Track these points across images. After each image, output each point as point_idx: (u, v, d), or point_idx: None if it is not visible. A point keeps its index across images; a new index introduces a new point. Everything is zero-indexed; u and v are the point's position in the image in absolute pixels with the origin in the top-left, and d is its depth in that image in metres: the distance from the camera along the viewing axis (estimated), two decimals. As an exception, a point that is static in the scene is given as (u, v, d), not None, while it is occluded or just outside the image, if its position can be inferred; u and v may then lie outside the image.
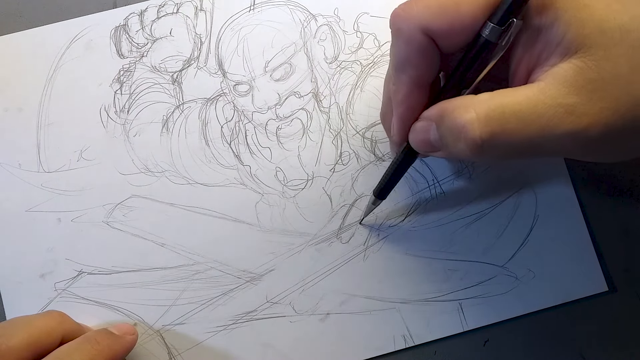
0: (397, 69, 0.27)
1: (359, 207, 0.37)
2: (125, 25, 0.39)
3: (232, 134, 0.38)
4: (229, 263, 0.36)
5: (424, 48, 0.26)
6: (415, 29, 0.25)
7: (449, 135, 0.26)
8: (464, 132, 0.25)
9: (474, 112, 0.24)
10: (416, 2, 0.25)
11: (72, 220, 0.37)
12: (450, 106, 0.26)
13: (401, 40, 0.26)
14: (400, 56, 0.27)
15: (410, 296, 0.36)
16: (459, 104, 0.26)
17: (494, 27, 0.25)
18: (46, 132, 0.38)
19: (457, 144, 0.26)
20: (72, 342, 0.31)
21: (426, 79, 0.27)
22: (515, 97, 0.24)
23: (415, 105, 0.28)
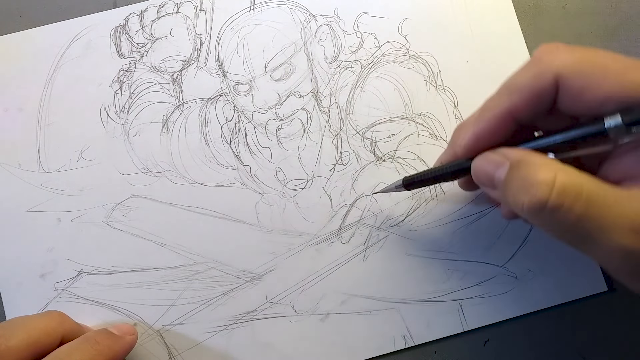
0: (507, 88, 0.26)
1: (359, 207, 0.37)
2: (125, 25, 0.39)
3: (232, 134, 0.38)
4: (229, 263, 0.36)
5: (545, 91, 0.25)
6: (552, 72, 0.25)
7: (517, 183, 0.25)
8: (535, 188, 0.24)
9: (555, 176, 0.24)
10: (573, 52, 0.25)
11: (72, 220, 0.37)
12: (532, 159, 0.25)
13: (535, 69, 0.25)
14: (520, 81, 0.26)
15: (410, 296, 0.36)
16: (543, 162, 0.25)
17: (621, 125, 0.23)
18: (46, 132, 0.38)
19: (520, 196, 0.25)
20: (72, 342, 0.31)
21: (523, 117, 0.26)
22: (602, 188, 0.24)
23: (498, 132, 0.27)
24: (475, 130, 0.27)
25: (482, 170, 0.27)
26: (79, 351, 0.30)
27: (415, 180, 0.33)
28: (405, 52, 0.39)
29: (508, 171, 0.26)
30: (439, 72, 0.39)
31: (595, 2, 0.40)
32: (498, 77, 0.38)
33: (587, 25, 0.40)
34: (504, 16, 0.40)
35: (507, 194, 0.26)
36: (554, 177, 0.23)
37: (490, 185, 0.27)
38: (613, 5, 0.40)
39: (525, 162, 0.25)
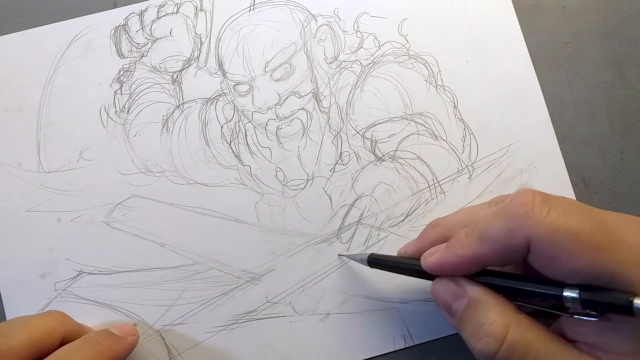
0: (480, 236, 0.26)
1: (359, 207, 0.37)
2: (125, 25, 0.39)
3: (232, 134, 0.38)
4: (229, 263, 0.36)
5: (515, 250, 0.25)
6: (524, 234, 0.24)
7: (471, 324, 0.26)
8: (486, 339, 0.25)
9: (507, 331, 0.25)
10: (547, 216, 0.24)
11: (72, 220, 0.37)
12: (490, 302, 0.26)
13: (508, 225, 0.25)
14: (493, 233, 0.25)
15: (410, 296, 0.36)
16: (499, 311, 0.26)
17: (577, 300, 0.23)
18: (46, 132, 0.38)
19: (472, 338, 0.26)
20: (74, 343, 0.31)
21: (492, 264, 0.27)
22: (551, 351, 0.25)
23: (464, 268, 0.27)
24: (443, 258, 0.27)
25: (440, 297, 0.28)
26: (80, 352, 0.30)
27: (381, 260, 0.33)
28: (405, 52, 0.39)
29: (464, 308, 0.27)
30: (439, 72, 0.39)
31: (595, 2, 0.40)
32: (498, 77, 0.39)
33: (587, 25, 0.40)
34: (504, 16, 0.40)
35: (461, 330, 0.27)
36: (505, 331, 0.25)
37: (447, 311, 0.28)
38: (613, 5, 0.40)
39: (481, 304, 0.26)
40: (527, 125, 0.38)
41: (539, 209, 0.24)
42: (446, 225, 0.30)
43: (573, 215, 0.24)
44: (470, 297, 0.27)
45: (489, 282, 0.27)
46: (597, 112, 0.39)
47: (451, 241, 0.28)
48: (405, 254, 0.32)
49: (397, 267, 0.31)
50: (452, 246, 0.27)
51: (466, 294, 0.27)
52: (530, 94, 0.39)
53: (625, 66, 0.39)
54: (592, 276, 0.23)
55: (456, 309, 0.27)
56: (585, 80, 0.39)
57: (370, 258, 0.33)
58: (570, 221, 0.23)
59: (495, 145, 0.38)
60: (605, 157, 0.38)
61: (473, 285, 0.27)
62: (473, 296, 0.27)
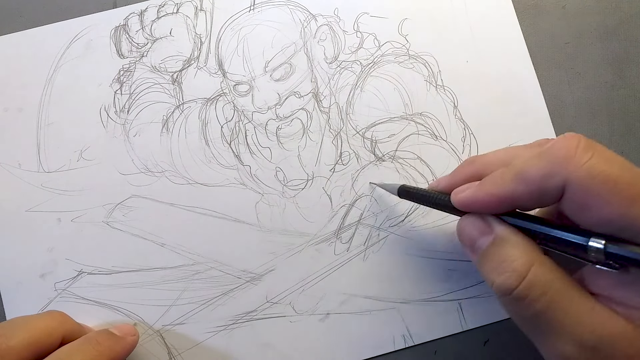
0: (516, 174, 0.26)
1: (359, 207, 0.37)
2: (125, 25, 0.39)
3: (232, 134, 0.38)
4: (229, 263, 0.36)
5: (550, 192, 0.25)
6: (561, 178, 0.24)
7: (494, 259, 0.26)
8: (508, 274, 0.25)
9: (529, 269, 0.25)
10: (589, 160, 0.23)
11: (72, 220, 0.37)
12: (515, 241, 0.26)
13: (547, 167, 0.24)
14: (529, 174, 0.25)
15: (410, 296, 0.36)
16: (524, 249, 0.26)
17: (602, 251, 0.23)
18: (46, 132, 0.38)
19: (493, 273, 0.26)
20: (74, 343, 0.31)
21: (524, 205, 0.26)
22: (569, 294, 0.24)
23: (495, 207, 0.27)
24: (475, 195, 0.27)
25: (466, 233, 0.28)
26: (80, 352, 0.30)
27: (411, 192, 0.33)
28: (405, 52, 0.39)
29: (490, 244, 0.27)
30: (439, 72, 0.39)
31: (595, 2, 0.40)
32: (498, 77, 0.39)
33: (587, 25, 0.40)
34: (504, 16, 0.40)
35: (483, 265, 0.27)
36: (528, 269, 0.25)
37: (470, 248, 0.28)
38: (613, 5, 0.40)
39: (507, 242, 0.26)
40: (527, 125, 0.38)
41: (581, 154, 0.24)
42: (483, 163, 0.30)
43: (615, 164, 0.23)
44: (497, 234, 0.27)
45: (517, 224, 0.27)
46: (597, 112, 0.39)
47: (486, 179, 0.27)
48: (436, 188, 0.32)
49: (426, 199, 0.31)
50: (486, 184, 0.27)
51: (493, 231, 0.27)
52: (530, 94, 0.39)
53: (625, 66, 0.39)
54: (622, 227, 0.23)
55: (480, 245, 0.27)
56: (585, 80, 0.39)
57: (401, 189, 0.34)
58: (611, 168, 0.23)
59: (495, 145, 0.38)
60: (605, 157, 0.38)
61: (501, 224, 0.27)
62: (500, 233, 0.27)
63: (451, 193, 0.29)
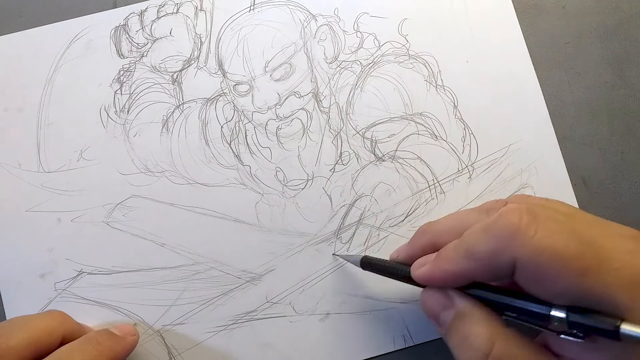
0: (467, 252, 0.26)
1: (359, 207, 0.37)
2: (125, 25, 0.39)
3: (232, 134, 0.38)
4: (229, 263, 0.36)
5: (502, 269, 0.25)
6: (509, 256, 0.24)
7: (458, 336, 0.27)
8: (475, 349, 0.25)
9: (492, 346, 0.25)
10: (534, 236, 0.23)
11: (72, 220, 0.37)
12: (477, 315, 0.26)
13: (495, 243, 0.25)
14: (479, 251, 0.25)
15: (410, 296, 0.36)
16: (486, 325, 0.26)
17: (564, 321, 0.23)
18: (46, 132, 0.38)
19: (459, 351, 0.26)
20: (73, 343, 0.31)
21: (480, 279, 0.27)
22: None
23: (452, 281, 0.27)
24: (432, 272, 0.28)
25: (428, 306, 0.29)
26: (80, 352, 0.30)
27: (374, 264, 0.33)
28: (405, 52, 0.39)
29: (452, 320, 0.27)
30: (439, 72, 0.39)
31: (595, 2, 0.40)
32: (498, 77, 0.39)
33: (587, 25, 0.40)
34: (504, 16, 0.40)
35: (449, 341, 0.27)
36: (490, 346, 0.25)
37: (435, 320, 0.28)
38: (613, 5, 0.40)
39: (469, 316, 0.26)
40: (527, 125, 0.38)
41: (525, 230, 0.24)
42: (435, 232, 0.30)
43: (560, 236, 0.23)
44: (458, 309, 0.27)
45: (477, 295, 0.27)
46: (597, 112, 0.39)
47: (439, 254, 0.28)
48: (397, 259, 0.32)
49: (388, 271, 0.31)
50: (440, 260, 0.27)
51: (454, 305, 0.27)
52: (530, 94, 0.39)
53: (625, 66, 0.39)
54: (579, 298, 0.23)
55: (444, 319, 0.28)
56: (585, 80, 0.39)
57: (363, 260, 0.33)
58: (556, 243, 0.23)
59: (495, 145, 0.38)
60: (605, 157, 0.38)
61: (461, 298, 0.27)
62: (460, 308, 0.27)
63: (410, 268, 0.29)
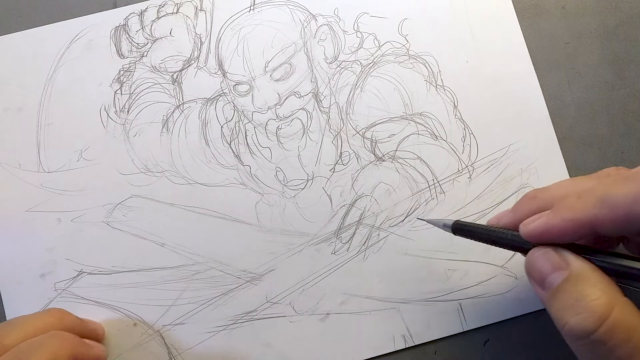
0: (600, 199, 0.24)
1: (359, 207, 0.37)
2: (125, 25, 0.39)
3: (232, 134, 0.38)
4: (229, 263, 0.36)
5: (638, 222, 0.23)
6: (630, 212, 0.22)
7: (569, 297, 0.24)
8: (586, 314, 0.23)
9: (611, 311, 0.22)
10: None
11: (72, 220, 0.37)
12: (595, 279, 0.24)
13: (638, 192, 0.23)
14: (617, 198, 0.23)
15: (410, 296, 0.36)
16: (605, 288, 0.23)
17: None
18: (46, 132, 0.38)
19: (566, 313, 0.24)
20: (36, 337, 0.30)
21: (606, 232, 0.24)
22: None
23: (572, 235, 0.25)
24: (549, 223, 0.25)
25: (537, 267, 0.26)
26: (41, 345, 0.29)
27: (466, 229, 0.31)
28: (405, 52, 0.39)
29: (564, 280, 0.24)
30: (439, 72, 0.39)
31: (595, 2, 0.40)
32: (498, 77, 0.39)
33: (587, 25, 0.40)
34: (504, 16, 0.40)
35: (553, 304, 0.25)
36: (609, 311, 0.22)
37: (539, 283, 0.26)
38: (613, 5, 0.40)
39: (585, 279, 0.24)
40: (527, 125, 0.38)
41: None
42: (547, 197, 0.28)
43: None
44: (573, 270, 0.24)
45: (595, 260, 0.24)
46: (597, 112, 0.39)
47: (559, 205, 0.25)
48: (498, 224, 0.30)
49: (487, 236, 0.29)
50: (562, 209, 0.25)
51: (568, 266, 0.25)
52: (530, 94, 0.39)
53: (625, 66, 0.39)
54: None
55: (552, 281, 0.25)
56: (585, 80, 0.39)
57: (455, 225, 0.31)
58: None
59: (495, 145, 0.38)
60: (605, 157, 0.38)
61: (578, 259, 0.25)
62: (576, 269, 0.24)
63: (520, 224, 0.27)
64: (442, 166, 0.38)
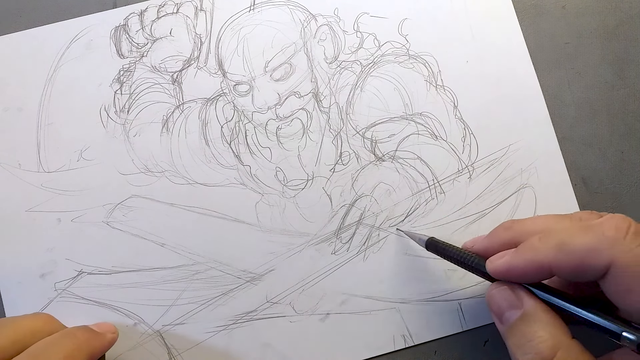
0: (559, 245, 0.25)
1: (359, 207, 0.37)
2: (125, 25, 0.39)
3: (232, 134, 0.38)
4: (229, 263, 0.36)
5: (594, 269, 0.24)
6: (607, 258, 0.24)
7: (521, 337, 0.26)
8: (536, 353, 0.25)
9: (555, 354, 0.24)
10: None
11: (72, 220, 0.37)
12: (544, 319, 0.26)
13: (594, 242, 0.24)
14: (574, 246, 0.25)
15: (410, 296, 0.36)
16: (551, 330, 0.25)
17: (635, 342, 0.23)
18: (46, 132, 0.38)
19: (518, 351, 0.26)
20: (50, 337, 0.30)
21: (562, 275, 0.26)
22: None
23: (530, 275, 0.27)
24: (512, 262, 0.27)
25: (495, 302, 0.28)
26: (56, 345, 0.30)
27: (439, 248, 0.32)
28: (405, 52, 0.39)
29: (518, 319, 0.27)
30: (439, 72, 0.39)
31: (595, 2, 0.40)
32: (498, 77, 0.39)
33: (587, 25, 0.40)
34: (504, 16, 0.40)
35: (508, 339, 0.27)
36: (553, 354, 0.24)
37: (498, 317, 0.28)
38: (613, 5, 0.40)
39: (535, 320, 0.26)
40: (527, 125, 0.38)
41: (631, 238, 0.24)
42: (521, 230, 0.29)
43: None
44: (526, 309, 0.26)
45: (548, 299, 0.26)
46: (597, 112, 0.39)
47: (523, 245, 0.27)
48: (471, 249, 0.31)
49: (457, 258, 0.31)
50: (524, 250, 0.27)
51: (522, 305, 0.27)
52: (530, 94, 0.39)
53: (625, 66, 0.39)
54: None
55: (508, 317, 0.27)
56: (585, 80, 0.39)
57: (429, 242, 0.33)
58: None
59: (495, 145, 0.38)
60: (605, 157, 0.38)
61: (531, 299, 0.27)
62: (528, 309, 0.26)
63: (487, 260, 0.29)
64: (442, 166, 0.38)
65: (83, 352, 0.30)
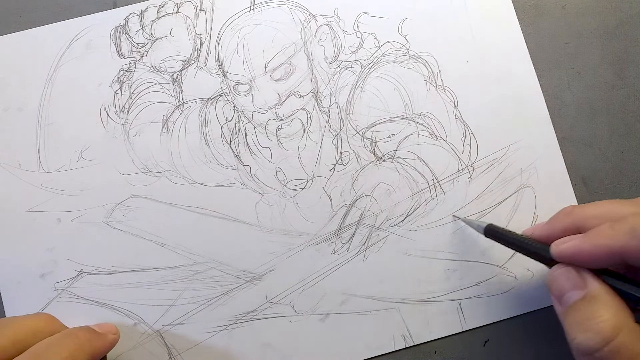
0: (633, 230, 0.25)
1: (359, 207, 0.37)
2: (125, 25, 0.39)
3: (232, 134, 0.38)
4: (229, 263, 0.36)
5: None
6: None
7: (580, 316, 0.26)
8: (593, 335, 0.24)
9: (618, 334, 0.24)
10: None
11: (72, 220, 0.37)
12: (608, 302, 0.25)
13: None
14: None
15: (410, 296, 0.36)
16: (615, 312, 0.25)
17: None
18: (46, 132, 0.38)
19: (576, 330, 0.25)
20: (52, 337, 0.30)
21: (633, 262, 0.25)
22: None
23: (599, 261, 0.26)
24: (579, 247, 0.27)
25: (557, 283, 0.28)
26: (58, 346, 0.30)
27: (498, 234, 0.32)
28: (405, 52, 0.39)
29: (580, 299, 0.26)
30: (439, 72, 0.39)
31: (595, 2, 0.40)
32: (498, 77, 0.39)
33: (587, 25, 0.40)
34: (504, 16, 0.40)
35: (567, 319, 0.26)
36: (616, 333, 0.24)
37: (558, 298, 0.28)
38: (613, 5, 0.40)
39: (600, 300, 0.25)
40: (527, 125, 0.38)
41: None
42: (582, 216, 0.29)
43: None
44: (590, 290, 0.26)
45: (613, 284, 0.26)
46: (597, 112, 0.39)
47: (592, 231, 0.27)
48: (531, 235, 0.31)
49: (518, 245, 0.31)
50: (594, 236, 0.26)
51: (586, 286, 0.26)
52: (530, 94, 0.39)
53: (625, 66, 0.39)
54: None
55: (569, 297, 0.27)
56: (585, 80, 0.39)
57: (488, 228, 0.33)
58: None
59: (495, 145, 0.38)
60: (605, 157, 0.38)
61: (596, 281, 0.26)
62: (592, 291, 0.26)
63: (551, 244, 0.28)
64: (442, 166, 0.38)
65: (84, 353, 0.30)
